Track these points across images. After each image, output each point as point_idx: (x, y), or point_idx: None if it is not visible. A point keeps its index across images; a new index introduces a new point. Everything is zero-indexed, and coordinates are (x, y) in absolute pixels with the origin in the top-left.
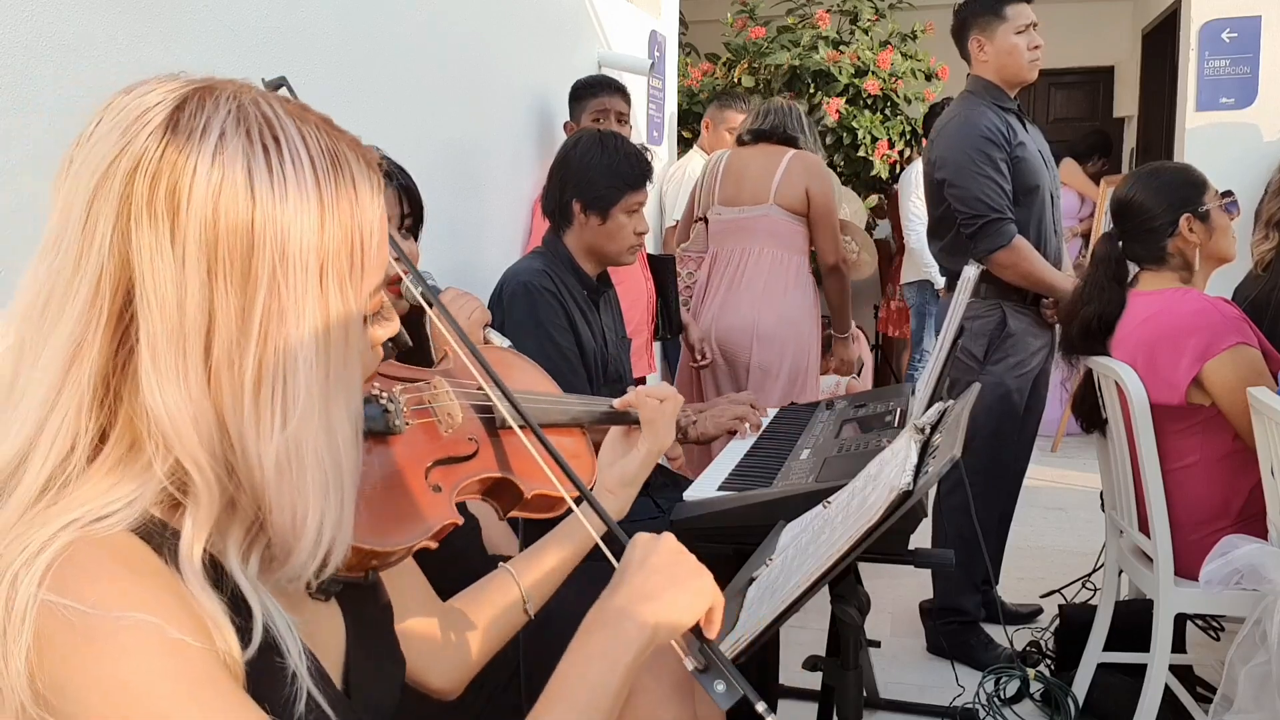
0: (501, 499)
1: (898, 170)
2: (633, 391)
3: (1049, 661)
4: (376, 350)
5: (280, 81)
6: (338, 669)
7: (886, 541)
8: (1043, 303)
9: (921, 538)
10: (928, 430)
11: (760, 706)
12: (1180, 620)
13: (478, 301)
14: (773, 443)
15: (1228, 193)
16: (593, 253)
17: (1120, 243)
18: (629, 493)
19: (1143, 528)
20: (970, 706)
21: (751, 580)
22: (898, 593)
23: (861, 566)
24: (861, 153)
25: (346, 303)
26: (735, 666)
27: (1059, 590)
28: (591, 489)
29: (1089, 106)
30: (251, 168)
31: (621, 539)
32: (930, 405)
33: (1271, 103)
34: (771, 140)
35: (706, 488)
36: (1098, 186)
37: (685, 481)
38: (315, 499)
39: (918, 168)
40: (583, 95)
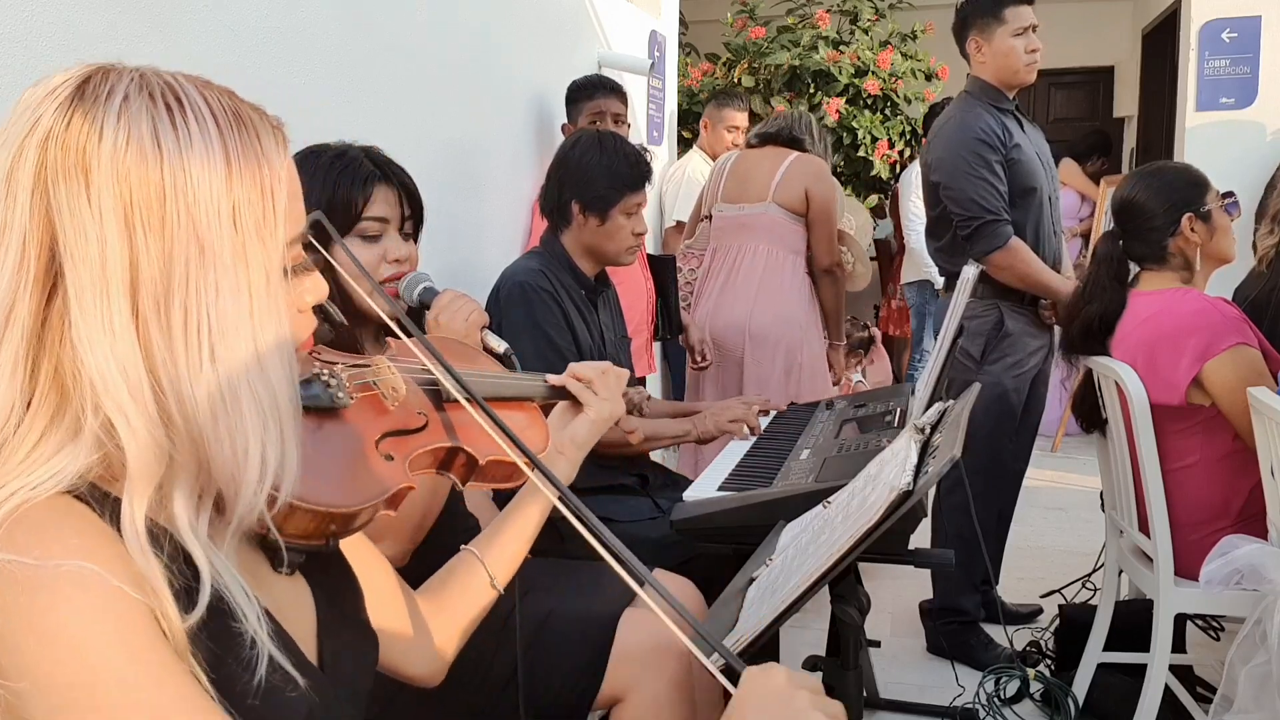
0: (457, 470)
1: (898, 170)
2: (568, 369)
3: (1049, 661)
4: (308, 315)
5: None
6: (311, 645)
7: (886, 541)
8: (1040, 303)
9: (921, 538)
10: (928, 430)
11: None
12: (1180, 620)
13: (476, 304)
14: (773, 443)
15: (1229, 193)
16: (591, 253)
17: (1121, 242)
18: (579, 454)
19: (1143, 528)
20: (970, 706)
21: (751, 580)
22: (898, 593)
23: (861, 566)
24: (861, 153)
25: (265, 246)
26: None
27: (1059, 590)
28: (542, 455)
29: (1089, 106)
30: (156, 124)
31: (572, 501)
32: (930, 405)
33: (1271, 103)
34: (777, 142)
35: (706, 488)
36: (1097, 186)
37: (685, 481)
38: (254, 431)
39: (918, 168)
40: (579, 97)
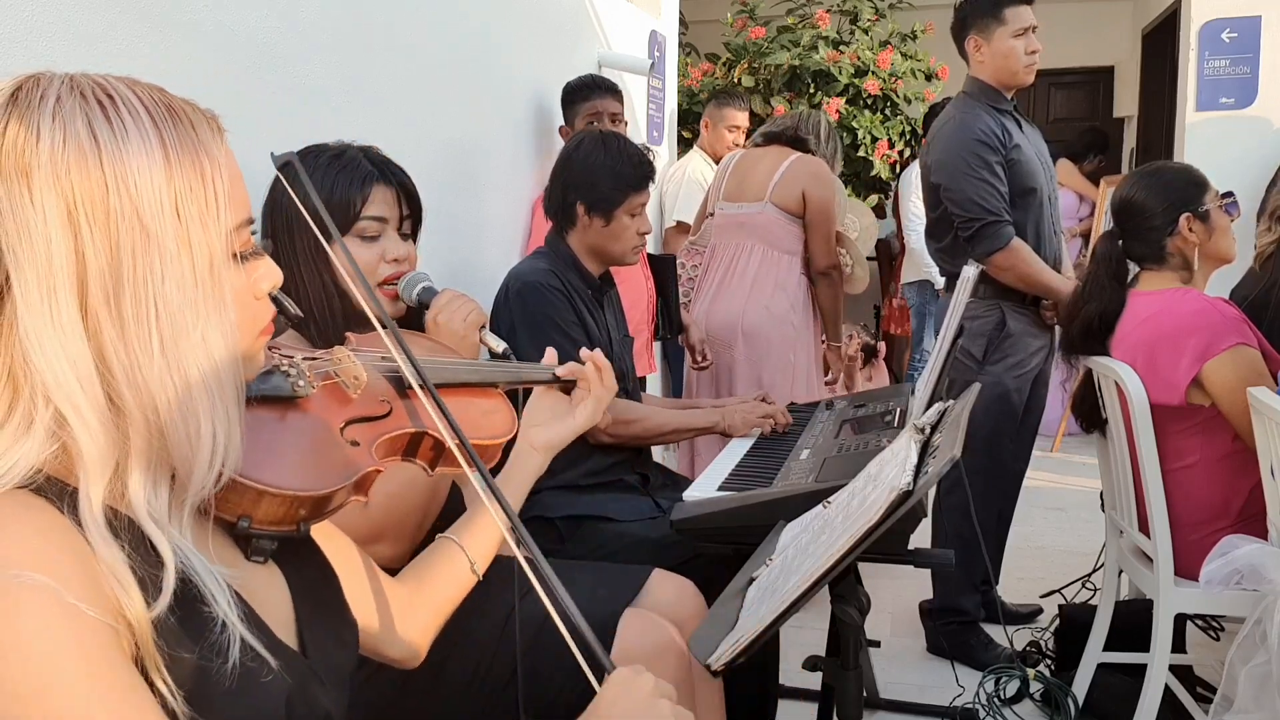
0: (424, 455)
1: (898, 170)
2: (586, 358)
3: (1049, 661)
4: (265, 302)
5: (289, 158)
6: (290, 632)
7: (886, 541)
8: (1042, 304)
9: (921, 538)
10: (928, 430)
11: None
12: (1180, 620)
13: (475, 304)
14: (773, 443)
15: (1228, 193)
16: (596, 253)
17: (1120, 242)
18: (548, 455)
19: (1143, 528)
20: (970, 706)
21: (751, 580)
22: (898, 593)
23: (861, 566)
24: (861, 153)
25: (208, 234)
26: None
27: (1059, 590)
28: (514, 437)
29: (1089, 106)
30: (91, 121)
31: (496, 492)
32: (930, 405)
33: (1271, 103)
34: (781, 142)
35: (706, 488)
36: (1095, 186)
37: (685, 481)
38: (205, 412)
39: (918, 168)
40: (575, 99)
